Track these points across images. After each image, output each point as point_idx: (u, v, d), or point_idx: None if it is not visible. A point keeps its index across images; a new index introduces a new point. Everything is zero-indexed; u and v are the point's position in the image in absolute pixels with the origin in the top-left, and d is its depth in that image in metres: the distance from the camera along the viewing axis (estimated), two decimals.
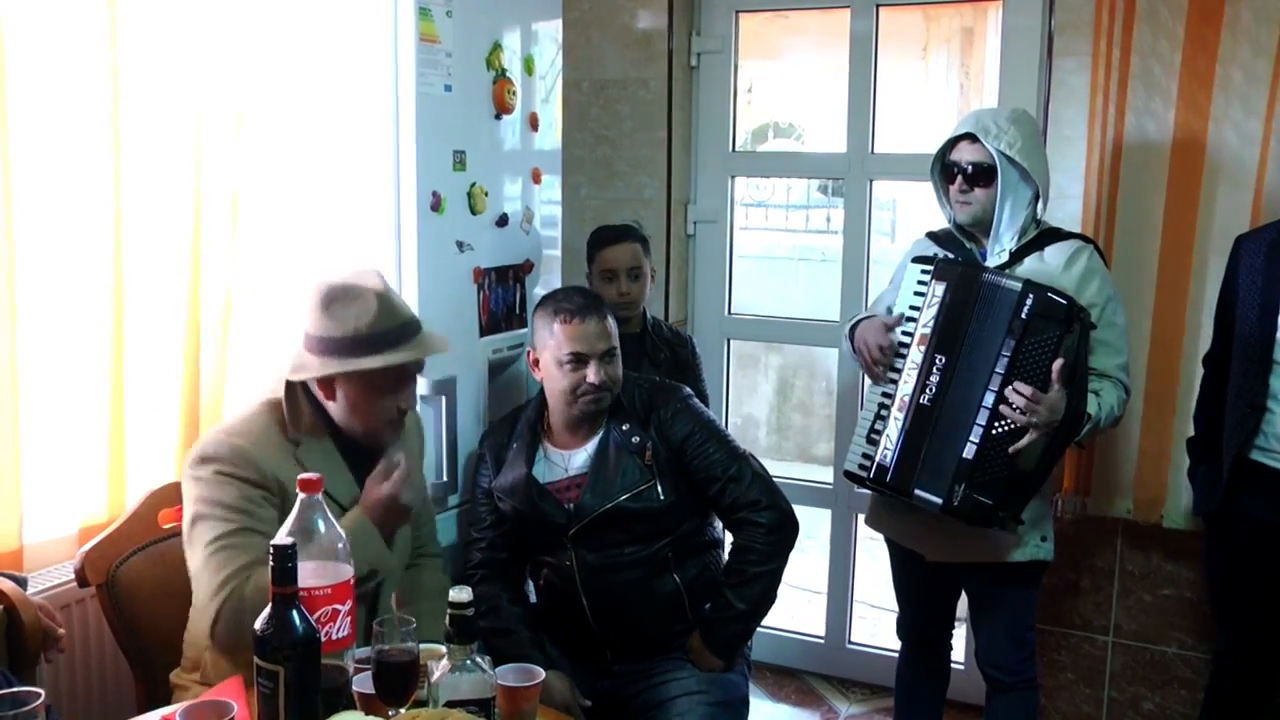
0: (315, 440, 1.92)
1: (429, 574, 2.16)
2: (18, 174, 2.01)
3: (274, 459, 1.86)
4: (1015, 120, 2.31)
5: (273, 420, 1.91)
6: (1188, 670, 2.97)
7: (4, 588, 1.84)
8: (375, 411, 1.91)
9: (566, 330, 2.24)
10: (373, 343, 1.86)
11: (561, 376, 2.26)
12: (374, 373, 1.87)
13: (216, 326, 2.38)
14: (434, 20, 2.34)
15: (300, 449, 1.90)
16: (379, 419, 1.92)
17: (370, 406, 1.91)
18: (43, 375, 2.12)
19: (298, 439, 1.90)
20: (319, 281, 1.93)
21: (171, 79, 2.25)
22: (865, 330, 2.42)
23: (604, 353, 2.25)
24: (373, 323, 1.87)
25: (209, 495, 1.82)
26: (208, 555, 1.79)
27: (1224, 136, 2.67)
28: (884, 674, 3.21)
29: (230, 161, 2.36)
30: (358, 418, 1.92)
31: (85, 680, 2.17)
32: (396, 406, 1.93)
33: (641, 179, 3.39)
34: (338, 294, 1.89)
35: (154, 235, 2.27)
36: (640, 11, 3.32)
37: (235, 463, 1.83)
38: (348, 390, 1.89)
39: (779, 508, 2.29)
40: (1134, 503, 2.84)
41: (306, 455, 1.89)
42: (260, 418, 1.91)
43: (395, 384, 1.91)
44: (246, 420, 1.91)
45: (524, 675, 1.60)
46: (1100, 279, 2.34)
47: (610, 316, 2.30)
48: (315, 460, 1.88)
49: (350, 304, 1.88)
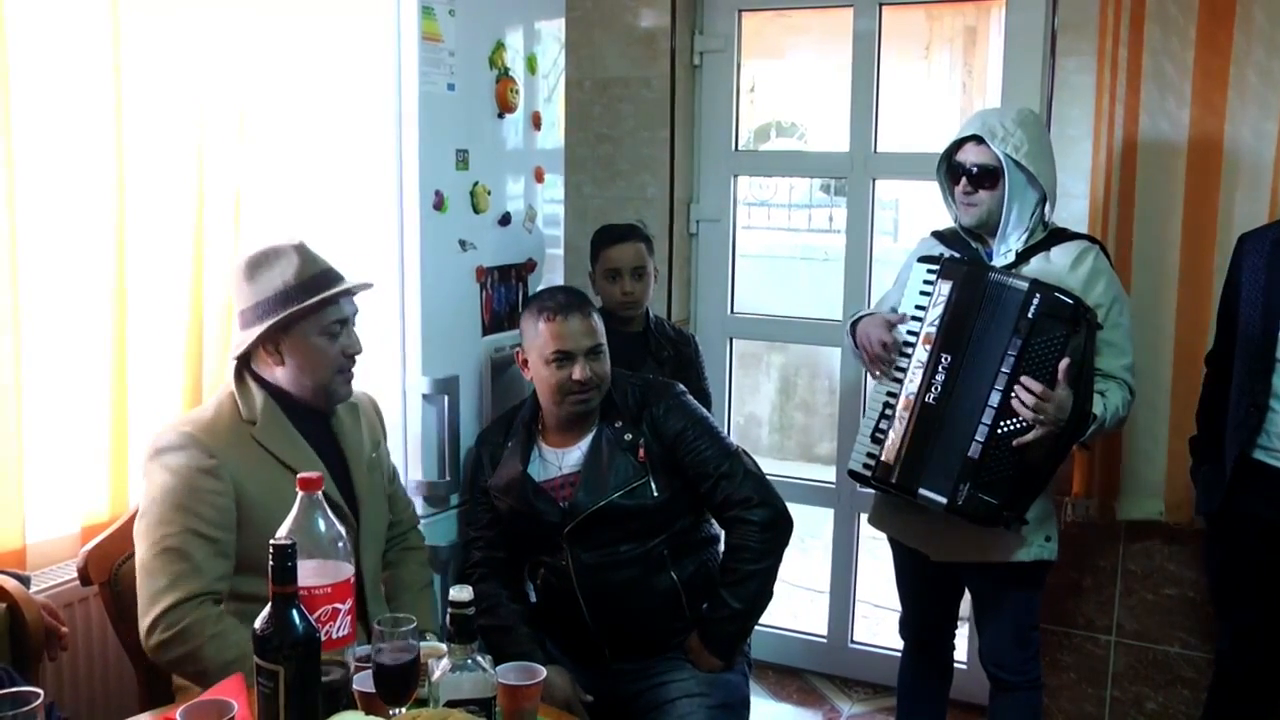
0: (270, 418, 1.94)
1: (410, 569, 2.20)
2: (21, 173, 2.01)
3: (227, 441, 1.89)
4: (1022, 123, 2.29)
5: (225, 407, 1.94)
6: (1190, 670, 2.96)
7: (7, 586, 1.85)
8: (324, 362, 1.95)
9: (550, 328, 2.24)
10: (303, 289, 1.91)
11: (549, 375, 2.26)
12: (315, 318, 1.91)
13: (219, 326, 2.38)
14: (437, 19, 2.34)
15: (256, 428, 1.92)
16: (329, 369, 1.96)
17: (318, 357, 1.94)
18: (45, 374, 2.13)
19: (252, 419, 1.92)
20: (238, 258, 1.99)
21: (174, 78, 2.25)
22: (867, 326, 2.41)
23: (589, 349, 2.25)
24: (298, 272, 1.92)
25: (156, 492, 1.84)
26: (148, 558, 1.82)
27: (1240, 136, 2.66)
28: (886, 673, 3.21)
29: (233, 161, 2.37)
30: (308, 373, 1.94)
31: (88, 678, 2.18)
32: (342, 352, 1.96)
33: (644, 178, 3.39)
34: (258, 260, 1.94)
35: (157, 234, 2.27)
36: (643, 10, 3.32)
37: (186, 449, 1.85)
38: (293, 348, 1.93)
39: (772, 505, 2.29)
40: (1165, 505, 2.83)
41: (262, 433, 1.92)
42: (211, 408, 1.95)
43: (337, 326, 1.95)
44: (200, 411, 1.96)
45: (525, 674, 1.59)
46: (1106, 279, 2.33)
47: (595, 314, 2.30)
48: (273, 438, 1.92)
49: (273, 264, 1.93)
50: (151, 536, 1.82)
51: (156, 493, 1.84)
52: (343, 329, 1.96)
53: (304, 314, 1.90)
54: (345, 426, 2.07)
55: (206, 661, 1.76)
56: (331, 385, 1.97)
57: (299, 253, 1.94)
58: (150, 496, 1.85)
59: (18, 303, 2.01)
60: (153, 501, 1.84)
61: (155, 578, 1.80)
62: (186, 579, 1.79)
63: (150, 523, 1.83)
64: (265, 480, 1.88)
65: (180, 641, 1.77)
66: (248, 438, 1.91)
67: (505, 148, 2.61)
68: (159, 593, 1.79)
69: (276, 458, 1.91)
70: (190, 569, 1.80)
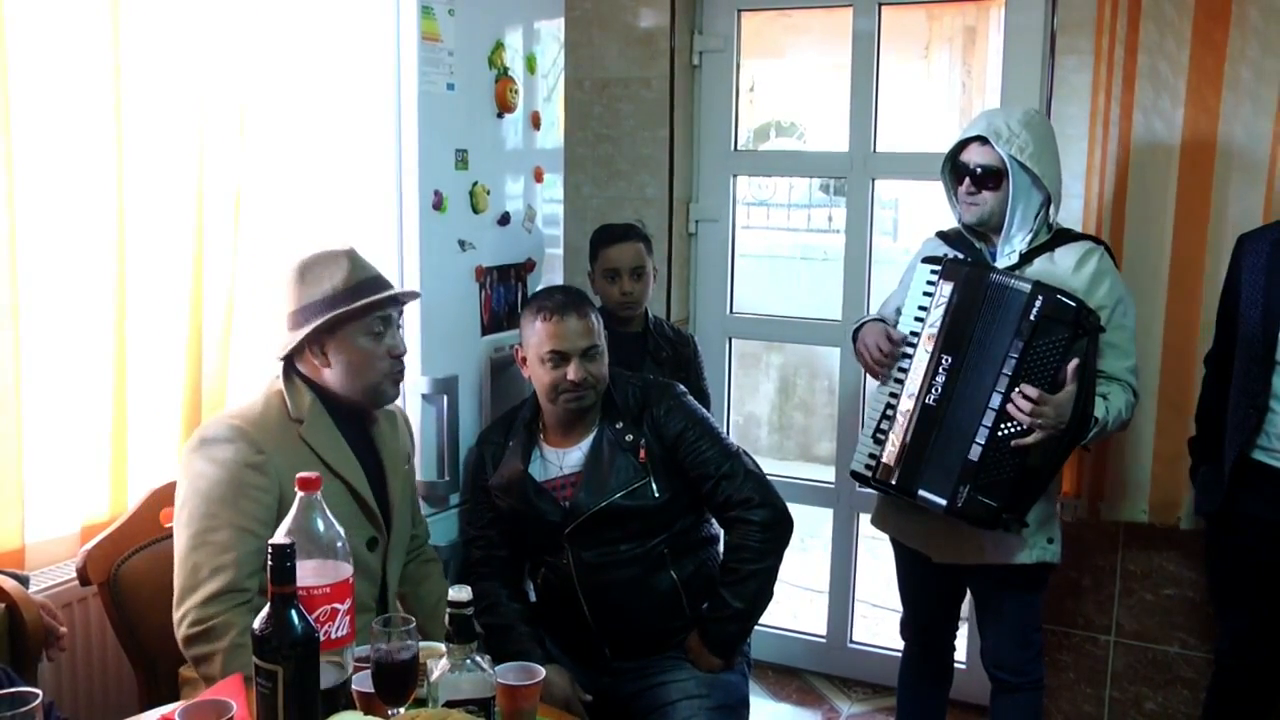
0: (317, 418, 1.96)
1: (433, 584, 2.21)
2: (21, 172, 2.01)
3: (275, 438, 1.90)
4: (1028, 124, 2.29)
5: (274, 404, 1.95)
6: (1190, 670, 2.96)
7: (6, 586, 1.85)
8: (372, 363, 1.96)
9: (547, 328, 2.24)
10: (353, 293, 1.94)
11: (544, 374, 2.26)
12: (360, 321, 1.94)
13: (219, 325, 2.38)
14: (436, 19, 2.33)
15: (304, 427, 1.94)
16: (377, 371, 1.97)
17: (366, 359, 1.96)
18: (45, 374, 2.12)
19: (300, 417, 1.94)
20: (291, 262, 2.00)
21: (174, 78, 2.25)
22: (868, 334, 2.42)
23: (584, 350, 2.25)
24: (348, 277, 1.95)
25: (199, 483, 1.85)
26: (188, 549, 1.83)
27: (1234, 135, 2.66)
28: (886, 673, 3.21)
29: (233, 160, 2.36)
30: (356, 375, 1.96)
31: (87, 679, 2.18)
32: (389, 353, 1.98)
33: (643, 178, 3.39)
34: (309, 264, 1.97)
35: (157, 234, 2.27)
36: (642, 10, 3.32)
37: (234, 443, 1.86)
38: (338, 349, 1.94)
39: (773, 505, 2.29)
40: (1150, 506, 2.83)
41: (310, 433, 1.94)
42: (260, 403, 1.96)
43: (382, 325, 1.97)
44: (249, 406, 1.96)
45: (524, 674, 1.59)
46: (1111, 281, 2.32)
47: (594, 314, 2.30)
48: (319, 438, 1.94)
49: (324, 267, 1.96)
50: (193, 528, 1.83)
51: (202, 484, 1.84)
52: (386, 329, 1.99)
53: (350, 316, 1.93)
54: (384, 434, 2.09)
55: (220, 667, 1.76)
56: (380, 385, 1.99)
57: (349, 258, 1.98)
58: (194, 487, 1.85)
59: (17, 301, 2.01)
60: (196, 492, 1.85)
61: (194, 570, 1.81)
62: (224, 572, 1.80)
63: (193, 514, 1.84)
64: None
65: (205, 639, 1.78)
66: (295, 436, 1.92)
67: (504, 147, 2.61)
68: (195, 585, 1.80)
69: (321, 458, 1.92)
70: (229, 563, 1.80)
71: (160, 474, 2.27)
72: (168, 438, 2.33)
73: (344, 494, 1.94)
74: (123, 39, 2.14)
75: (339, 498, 1.92)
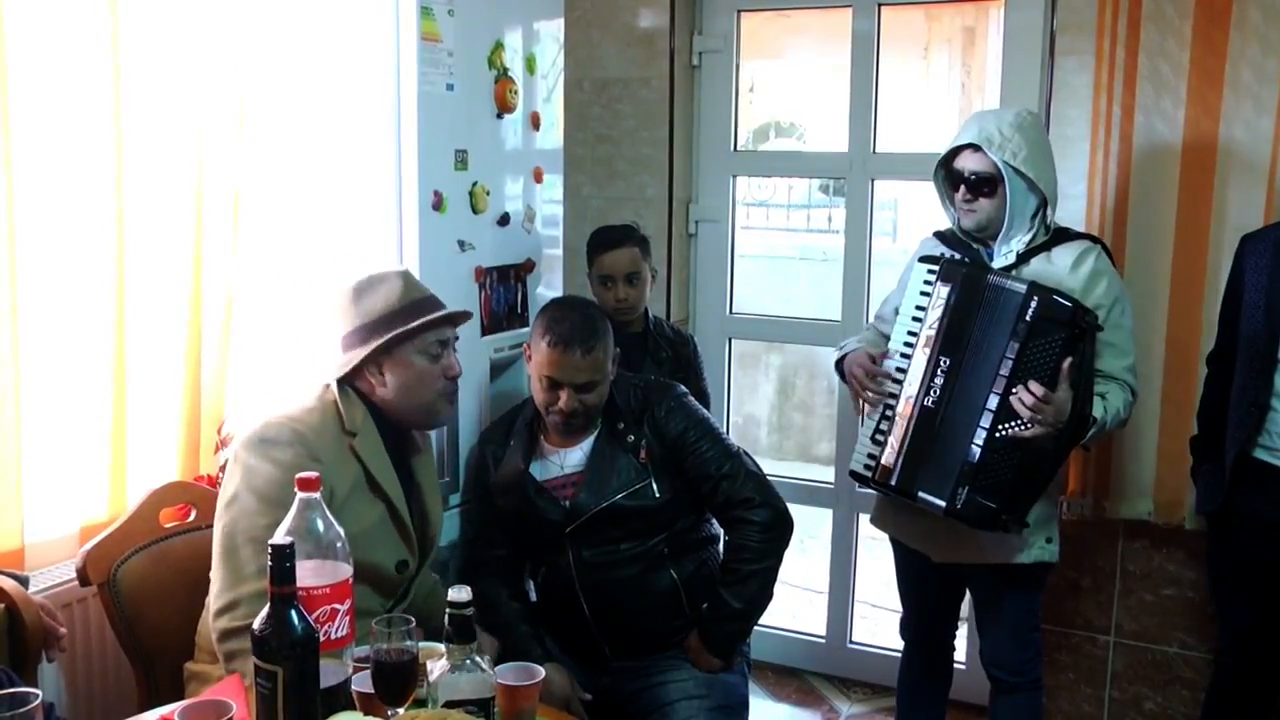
0: (369, 433, 1.98)
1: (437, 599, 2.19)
2: (20, 172, 2.00)
3: (331, 448, 1.92)
4: (1020, 127, 2.27)
5: (330, 414, 1.96)
6: (1189, 670, 2.96)
7: (5, 586, 1.85)
8: (427, 382, 1.99)
9: (549, 354, 2.23)
10: (409, 311, 1.98)
11: (539, 390, 2.28)
12: (418, 340, 1.97)
13: (218, 325, 2.38)
14: (436, 19, 2.34)
15: (356, 440, 1.95)
16: (431, 390, 2.00)
17: (421, 378, 1.98)
18: (44, 374, 2.12)
19: (354, 430, 1.96)
20: (341, 284, 2.03)
21: (173, 79, 2.25)
22: (852, 363, 2.42)
23: (580, 385, 2.24)
24: (403, 295, 1.99)
25: (254, 480, 1.85)
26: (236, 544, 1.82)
27: (1235, 135, 2.66)
28: (885, 673, 3.21)
29: (232, 161, 2.36)
30: (411, 394, 1.99)
31: (86, 679, 2.17)
32: (444, 374, 2.01)
33: (643, 178, 3.39)
34: (363, 285, 2.01)
35: (156, 234, 2.27)
36: (642, 10, 3.32)
37: (294, 446, 1.87)
38: (396, 368, 1.97)
39: (773, 505, 2.29)
40: (1155, 505, 2.83)
41: (361, 446, 1.95)
42: (317, 411, 1.97)
43: (439, 348, 2.00)
44: (306, 412, 1.96)
45: (523, 674, 1.59)
46: (1108, 280, 2.32)
47: (601, 347, 2.24)
48: (370, 454, 1.96)
49: (378, 288, 2.00)
50: (243, 523, 1.82)
51: (259, 482, 1.84)
52: (443, 350, 2.01)
53: (407, 336, 1.95)
54: (424, 460, 2.12)
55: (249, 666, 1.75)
56: (435, 405, 2.02)
57: (402, 279, 2.02)
58: (249, 484, 1.85)
59: (16, 301, 2.01)
60: (250, 489, 1.84)
61: (240, 564, 1.80)
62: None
63: (244, 509, 1.83)
64: (352, 494, 1.92)
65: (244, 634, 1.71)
66: (347, 448, 1.94)
67: (504, 148, 2.61)
68: (242, 579, 1.79)
69: (370, 474, 1.94)
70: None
71: (159, 474, 2.27)
72: (167, 438, 2.33)
73: (383, 515, 1.96)
74: (122, 40, 2.14)
75: (378, 518, 1.95)
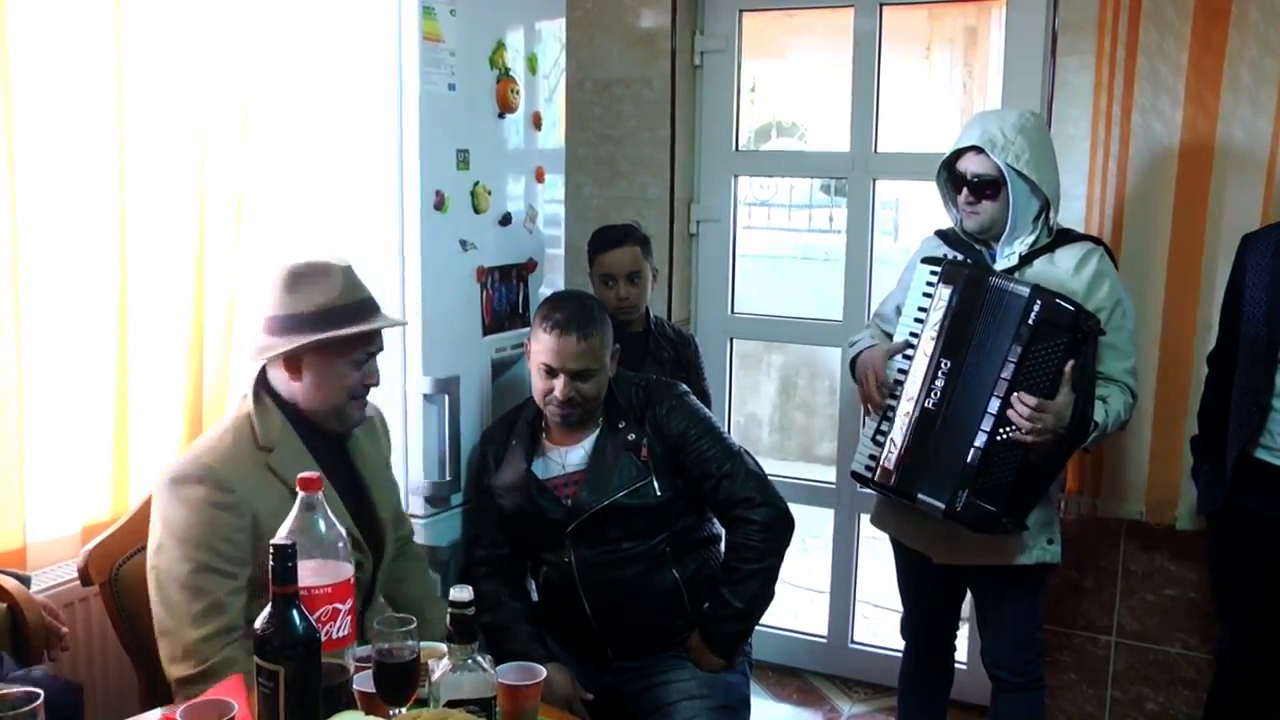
0: (286, 445, 1.90)
1: (418, 581, 2.21)
2: (23, 173, 2.01)
3: (243, 472, 1.84)
4: (1022, 129, 2.27)
5: (243, 433, 1.89)
6: (1191, 670, 2.96)
7: (7, 586, 1.85)
8: (342, 386, 1.92)
9: (546, 340, 2.24)
10: (342, 315, 1.88)
11: (537, 380, 2.28)
12: (343, 346, 1.89)
13: (220, 325, 2.38)
14: (438, 19, 2.33)
15: (272, 455, 1.88)
16: (345, 395, 1.93)
17: (338, 382, 1.91)
18: (47, 374, 2.13)
19: (269, 445, 1.89)
20: (282, 264, 1.94)
21: (176, 79, 2.25)
22: (866, 364, 2.40)
23: (576, 371, 2.24)
24: (342, 294, 1.90)
25: (175, 526, 1.81)
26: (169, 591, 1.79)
27: (1233, 136, 2.66)
28: (887, 673, 3.21)
29: (234, 161, 2.37)
30: (324, 395, 1.92)
31: (88, 678, 2.17)
32: (362, 381, 1.94)
33: (645, 178, 3.39)
34: (303, 272, 1.91)
35: (159, 234, 2.27)
36: (644, 10, 3.32)
37: (203, 483, 1.81)
38: (315, 367, 1.90)
39: (774, 505, 2.29)
40: (1146, 505, 2.83)
41: (278, 461, 1.88)
42: (230, 433, 1.90)
43: (364, 357, 1.93)
44: (218, 437, 1.90)
45: (525, 674, 1.60)
46: (1110, 282, 2.32)
47: (598, 334, 2.26)
48: (287, 464, 1.85)
49: (316, 280, 1.90)
50: (170, 570, 1.79)
51: (175, 526, 1.80)
52: (368, 360, 1.95)
53: (341, 341, 1.88)
54: (362, 447, 2.05)
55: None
56: (345, 409, 1.94)
57: (345, 276, 1.92)
58: (169, 530, 1.81)
59: (19, 302, 2.01)
60: (171, 535, 1.81)
61: (178, 611, 1.77)
62: (211, 615, 1.77)
63: (169, 556, 1.80)
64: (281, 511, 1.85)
65: (206, 679, 1.73)
66: (263, 466, 1.87)
67: (506, 148, 2.61)
68: (184, 627, 1.76)
69: (291, 489, 1.87)
70: (212, 604, 1.77)
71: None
72: (169, 438, 2.33)
73: None
74: (124, 40, 2.15)
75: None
